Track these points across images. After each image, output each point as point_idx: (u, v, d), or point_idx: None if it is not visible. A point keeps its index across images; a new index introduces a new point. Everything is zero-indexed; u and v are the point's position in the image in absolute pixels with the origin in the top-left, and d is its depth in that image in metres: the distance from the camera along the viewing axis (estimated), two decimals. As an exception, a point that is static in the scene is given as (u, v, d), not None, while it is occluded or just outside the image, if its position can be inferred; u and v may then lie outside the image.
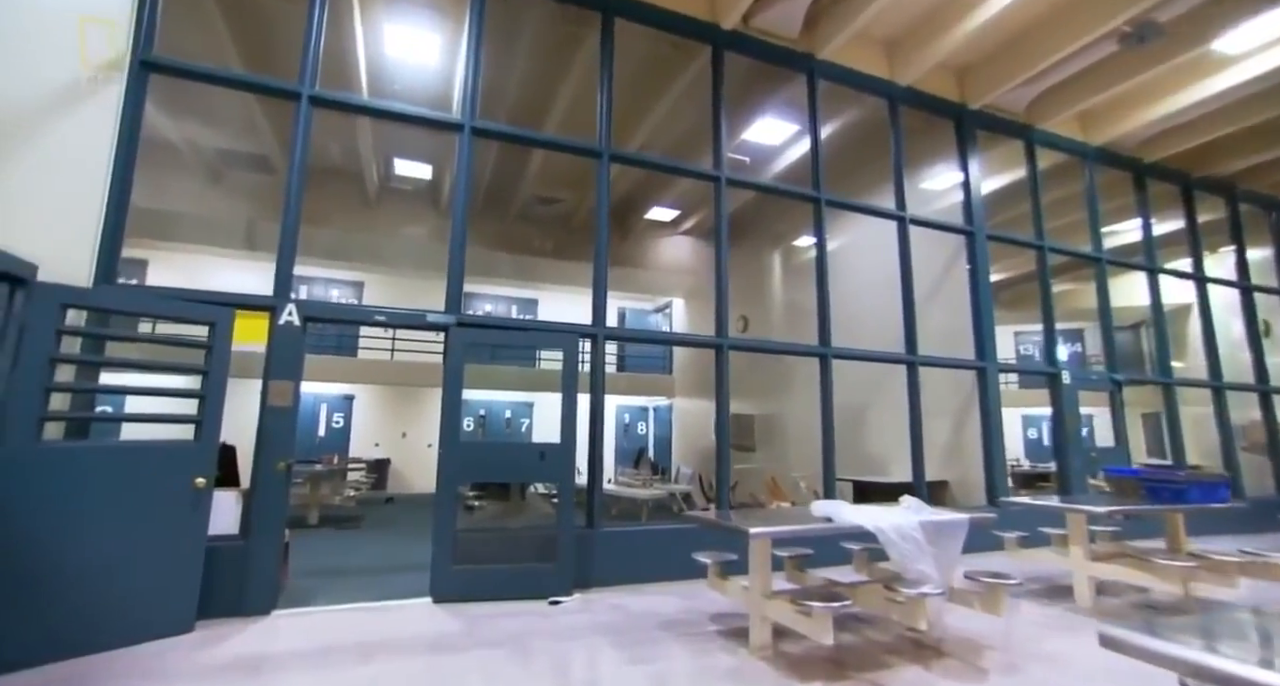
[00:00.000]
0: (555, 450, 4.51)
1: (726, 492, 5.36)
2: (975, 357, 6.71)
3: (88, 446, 3.46)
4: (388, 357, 12.21)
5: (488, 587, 4.25)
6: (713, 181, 5.90)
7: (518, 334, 5.21)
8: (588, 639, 3.53)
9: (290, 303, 4.19)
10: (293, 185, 4.39)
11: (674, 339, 5.26)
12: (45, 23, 3.62)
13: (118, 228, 3.96)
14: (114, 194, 3.94)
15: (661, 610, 4.13)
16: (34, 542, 3.05)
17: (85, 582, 3.17)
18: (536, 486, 8.54)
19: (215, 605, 3.67)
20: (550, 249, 11.99)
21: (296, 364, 4.12)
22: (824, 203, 6.26)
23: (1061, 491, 6.65)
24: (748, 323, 11.11)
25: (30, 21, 3.57)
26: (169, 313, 3.77)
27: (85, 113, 3.79)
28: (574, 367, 4.71)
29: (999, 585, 3.10)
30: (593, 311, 5.16)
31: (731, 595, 3.65)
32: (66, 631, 3.07)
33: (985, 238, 6.92)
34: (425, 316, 4.57)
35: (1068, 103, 7.06)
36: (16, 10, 3.53)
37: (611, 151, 5.44)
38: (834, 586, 3.63)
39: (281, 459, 3.97)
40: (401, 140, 9.61)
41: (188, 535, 3.54)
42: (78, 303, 3.38)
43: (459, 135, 4.96)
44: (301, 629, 3.61)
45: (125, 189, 4.02)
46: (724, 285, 5.78)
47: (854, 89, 6.73)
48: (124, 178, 4.01)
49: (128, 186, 4.03)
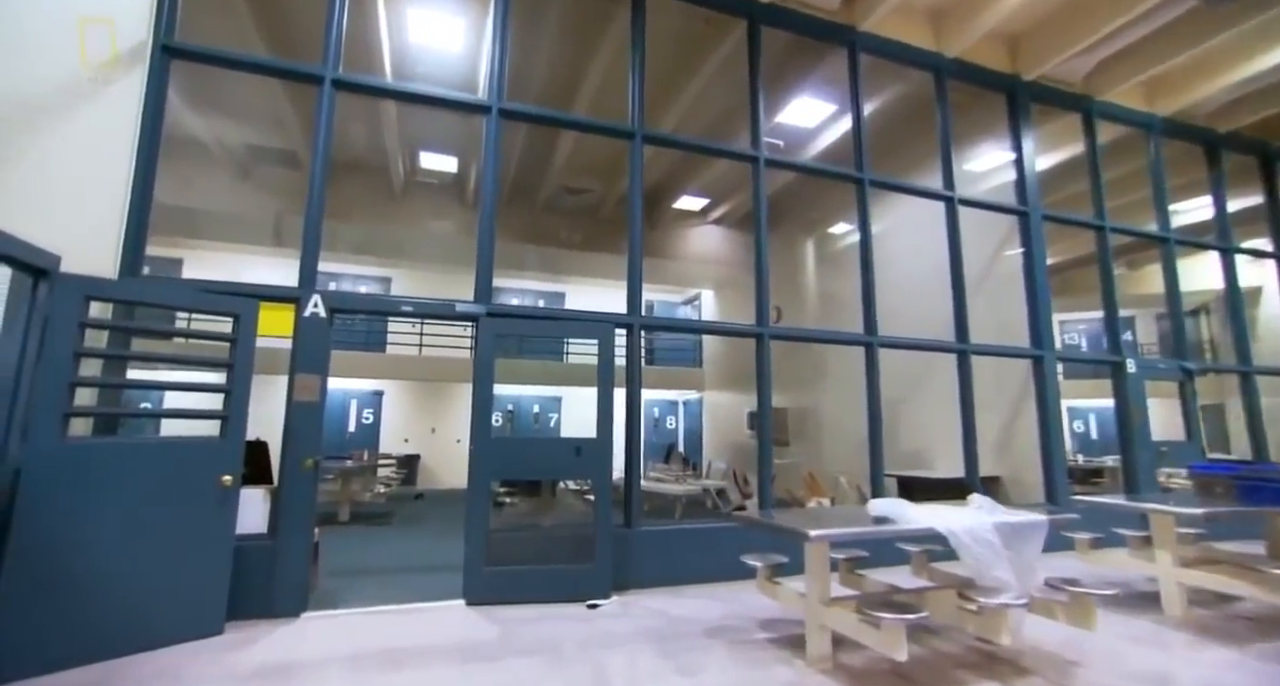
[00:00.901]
0: (591, 445, 4.29)
1: (770, 490, 5.09)
2: (1031, 346, 6.30)
3: (113, 443, 3.35)
4: (416, 353, 12.18)
5: (522, 590, 4.06)
6: (750, 162, 5.61)
7: (548, 326, 5.00)
8: (630, 647, 3.31)
9: (315, 293, 4.05)
10: (316, 173, 4.24)
11: (713, 328, 5.01)
12: (65, 11, 3.50)
13: (142, 218, 3.85)
14: (138, 183, 3.83)
15: (705, 615, 3.89)
16: (59, 542, 2.94)
17: (111, 584, 3.06)
18: (567, 482, 8.37)
19: (245, 606, 3.55)
20: (578, 241, 11.79)
21: (323, 357, 3.97)
22: (868, 183, 5.91)
23: (1128, 489, 6.21)
24: (781, 313, 10.77)
25: (54, 7, 3.45)
26: (193, 304, 3.64)
27: (107, 100, 3.68)
28: (610, 358, 4.48)
29: (1088, 595, 2.78)
30: (628, 299, 4.93)
31: (785, 601, 3.39)
32: (91, 634, 2.96)
33: (1041, 218, 6.48)
34: (454, 306, 4.38)
35: (1131, 71, 6.56)
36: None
37: (645, 132, 5.19)
38: (897, 593, 3.34)
39: (309, 456, 3.83)
40: (427, 132, 9.50)
41: (215, 534, 3.42)
42: (101, 294, 3.26)
43: (486, 118, 4.76)
44: (331, 632, 3.47)
45: (149, 178, 3.90)
46: (764, 271, 5.50)
47: (897, 62, 6.35)
48: (148, 167, 3.90)
49: (151, 176, 3.91)
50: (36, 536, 2.88)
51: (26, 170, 3.23)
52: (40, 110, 3.34)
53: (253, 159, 9.88)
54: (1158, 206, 7.20)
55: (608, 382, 4.44)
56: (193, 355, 3.90)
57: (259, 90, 7.80)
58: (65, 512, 2.97)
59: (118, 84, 3.74)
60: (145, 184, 3.87)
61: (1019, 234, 6.53)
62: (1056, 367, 6.21)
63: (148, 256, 3.93)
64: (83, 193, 3.57)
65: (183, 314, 9.86)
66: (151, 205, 3.91)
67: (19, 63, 3.18)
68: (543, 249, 11.35)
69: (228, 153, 9.52)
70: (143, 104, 3.88)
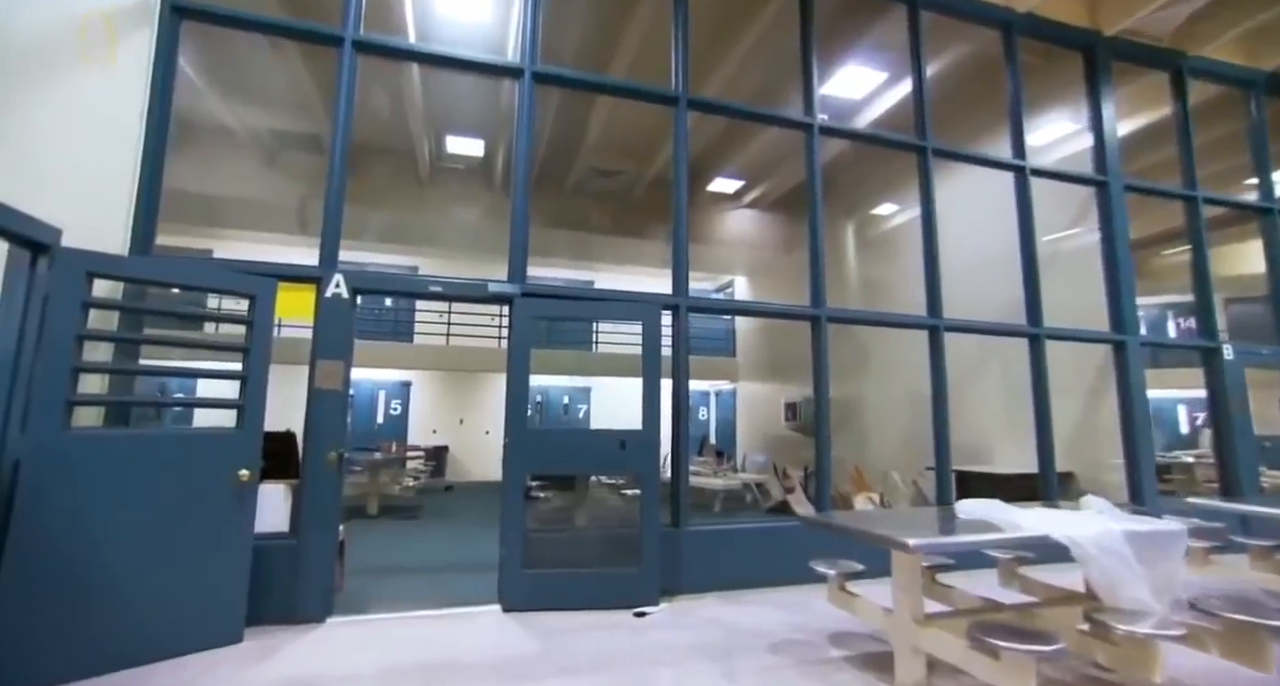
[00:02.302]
0: (637, 438, 3.90)
1: (829, 489, 4.66)
2: (1111, 330, 5.71)
3: (121, 434, 3.08)
4: (443, 343, 11.96)
5: (563, 595, 3.72)
6: (803, 130, 5.13)
7: (589, 308, 4.57)
8: (689, 665, 2.93)
9: (337, 273, 3.73)
10: (337, 143, 3.91)
11: (766, 309, 4.62)
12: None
13: (153, 193, 3.56)
14: (149, 155, 3.54)
15: (767, 626, 3.49)
16: (61, 541, 2.67)
17: (118, 588, 2.79)
18: (599, 476, 8.01)
19: (266, 611, 3.27)
20: (608, 226, 11.39)
21: (346, 341, 3.66)
22: (930, 152, 5.38)
23: (1225, 490, 5.61)
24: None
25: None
26: (206, 283, 3.34)
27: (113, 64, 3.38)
28: (656, 343, 4.08)
29: (1257, 625, 2.28)
30: (673, 279, 4.52)
31: (865, 616, 2.97)
32: (96, 644, 2.69)
33: (1123, 188, 5.86)
34: (487, 286, 4.03)
35: (1229, 22, 5.88)
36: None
37: (690, 97, 4.76)
38: (995, 609, 2.89)
39: (333, 448, 3.52)
40: (453, 113, 9.16)
41: (233, 533, 3.13)
42: (105, 271, 2.97)
43: (519, 82, 4.38)
44: (359, 641, 3.16)
45: (160, 150, 3.61)
46: (819, 247, 5.03)
47: (962, 19, 5.78)
48: (158, 137, 3.60)
49: (162, 147, 3.62)
50: (37, 535, 2.61)
51: (22, 136, 2.95)
52: (36, 67, 3.05)
53: (279, 143, 9.68)
54: (1260, 173, 6.46)
55: (654, 370, 4.04)
56: (207, 339, 3.59)
57: (281, 71, 7.54)
58: (68, 509, 2.70)
59: (123, 46, 3.44)
60: (156, 156, 3.59)
61: (1097, 207, 5.92)
62: (1141, 354, 5.61)
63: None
64: (88, 164, 3.28)
65: (202, 299, 9.75)
66: (163, 179, 3.62)
67: (13, 20, 2.89)
68: (572, 234, 10.98)
69: (253, 138, 9.33)
70: (152, 67, 3.58)
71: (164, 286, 3.27)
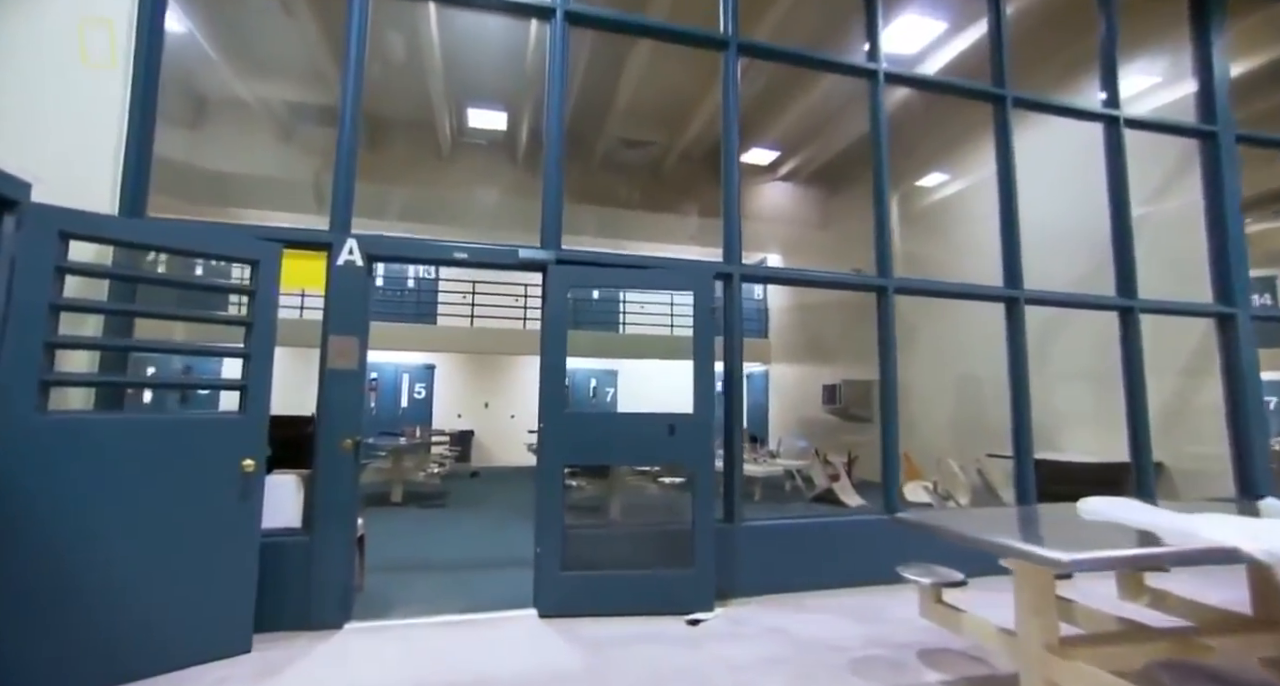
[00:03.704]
0: (688, 423, 3.44)
1: (898, 480, 4.16)
2: (1216, 301, 5.05)
3: (106, 419, 2.71)
4: (467, 325, 11.62)
5: (605, 599, 3.30)
6: (867, 78, 4.55)
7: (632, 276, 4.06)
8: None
9: (350, 237, 3.30)
10: (349, 90, 3.47)
11: (828, 280, 4.12)
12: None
13: (143, 146, 3.15)
14: (138, 102, 3.13)
15: (841, 639, 3.03)
16: (38, 541, 2.31)
17: (106, 594, 2.43)
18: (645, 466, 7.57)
19: (277, 616, 2.91)
20: (637, 201, 10.86)
21: (361, 314, 3.24)
22: (1010, 101, 4.75)
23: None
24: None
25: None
26: (199, 247, 2.94)
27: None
28: (708, 316, 3.58)
29: None
30: (724, 246, 4.02)
31: (976, 637, 2.47)
32: (82, 658, 2.34)
33: (1235, 139, 5.15)
34: (518, 252, 3.57)
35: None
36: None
37: (740, 40, 4.21)
38: (1144, 634, 2.38)
39: (348, 434, 3.12)
40: (474, 81, 8.67)
41: (237, 530, 2.76)
42: (81, 230, 2.57)
43: (550, 23, 3.88)
44: (379, 653, 2.78)
45: (151, 97, 3.20)
46: (884, 212, 4.50)
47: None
48: (148, 83, 3.19)
49: (153, 94, 3.21)
50: (16, 536, 2.26)
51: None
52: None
53: (294, 117, 9.31)
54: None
55: (707, 346, 3.55)
56: (202, 314, 3.20)
57: (294, 37, 7.13)
58: (45, 503, 2.33)
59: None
60: (147, 103, 3.17)
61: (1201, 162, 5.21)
62: (1252, 329, 4.94)
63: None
64: (69, 109, 2.89)
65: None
66: (154, 132, 3.21)
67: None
68: (599, 210, 10.47)
69: (268, 111, 8.97)
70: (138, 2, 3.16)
71: (152, 250, 2.87)
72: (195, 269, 7.64)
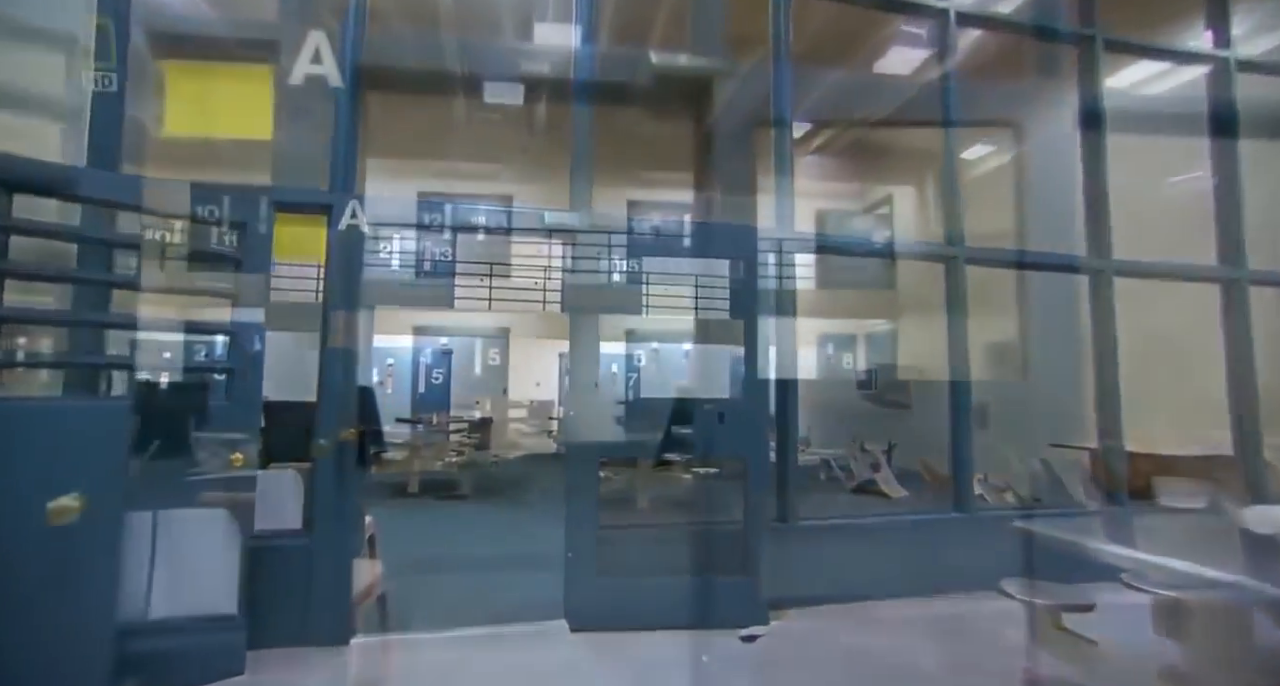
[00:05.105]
0: (737, 409, 2.99)
1: (969, 478, 3.68)
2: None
3: (71, 406, 2.33)
4: (485, 307, 11.25)
5: (644, 610, 2.88)
6: (936, 19, 4.00)
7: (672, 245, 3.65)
8: (846, 735, 2.05)
9: (353, 199, 2.88)
10: (349, 29, 3.03)
11: (888, 250, 3.69)
12: None
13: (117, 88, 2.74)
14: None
15: (927, 662, 2.59)
16: None
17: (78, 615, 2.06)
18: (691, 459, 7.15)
19: (274, 630, 2.54)
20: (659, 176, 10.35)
21: (357, 284, 2.83)
22: (1100, 43, 4.16)
23: None
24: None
25: None
26: (167, 207, 2.53)
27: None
28: (753, 289, 3.11)
29: None
30: (777, 213, 3.55)
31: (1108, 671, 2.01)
32: None
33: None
34: (543, 216, 3.12)
35: None
36: None
37: (795, -29, 3.69)
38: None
39: (338, 425, 2.72)
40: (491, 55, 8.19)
41: (225, 536, 2.38)
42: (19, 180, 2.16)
43: (574, -47, 3.40)
44: (387, 678, 2.40)
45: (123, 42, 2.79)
46: (953, 173, 3.97)
47: None
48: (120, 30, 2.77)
49: (125, 27, 2.79)
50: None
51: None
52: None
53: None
54: None
55: (754, 325, 3.09)
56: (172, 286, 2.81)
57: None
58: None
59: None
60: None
61: None
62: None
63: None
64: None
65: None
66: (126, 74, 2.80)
67: None
68: (620, 188, 10.00)
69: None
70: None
71: (112, 207, 2.46)
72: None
